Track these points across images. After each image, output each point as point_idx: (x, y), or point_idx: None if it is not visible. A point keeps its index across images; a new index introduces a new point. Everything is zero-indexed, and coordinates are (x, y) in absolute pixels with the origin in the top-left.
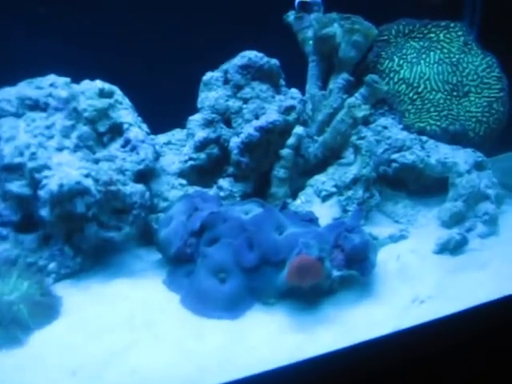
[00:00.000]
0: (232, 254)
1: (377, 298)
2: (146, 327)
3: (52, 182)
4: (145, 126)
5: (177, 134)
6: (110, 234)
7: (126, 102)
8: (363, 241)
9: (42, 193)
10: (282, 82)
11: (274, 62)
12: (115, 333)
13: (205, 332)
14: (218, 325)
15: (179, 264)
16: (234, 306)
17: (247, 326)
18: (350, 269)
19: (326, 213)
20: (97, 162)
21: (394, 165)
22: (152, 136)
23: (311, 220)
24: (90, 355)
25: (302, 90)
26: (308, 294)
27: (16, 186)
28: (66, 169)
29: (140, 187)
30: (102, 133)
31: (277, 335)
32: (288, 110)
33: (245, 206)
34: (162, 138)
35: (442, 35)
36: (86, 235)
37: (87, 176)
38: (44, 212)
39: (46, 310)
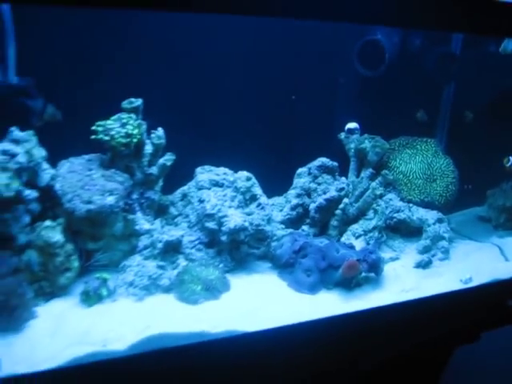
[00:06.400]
0: (314, 262)
1: (383, 288)
2: (272, 296)
3: (229, 223)
4: (265, 197)
5: (277, 200)
6: (250, 250)
7: (257, 183)
8: (377, 258)
9: (223, 228)
10: (337, 174)
11: (335, 163)
12: (243, 301)
13: (300, 299)
14: (306, 297)
15: (286, 268)
16: (313, 288)
17: (318, 298)
18: (370, 272)
19: (358, 244)
20: (249, 214)
21: (394, 220)
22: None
23: (351, 247)
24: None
25: (347, 178)
26: (349, 285)
27: (211, 224)
28: (235, 217)
29: (270, 227)
30: (247, 199)
31: (332, 302)
32: (340, 189)
33: (320, 239)
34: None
35: (423, 146)
36: (240, 251)
37: (245, 221)
38: (223, 238)
39: (224, 284)
